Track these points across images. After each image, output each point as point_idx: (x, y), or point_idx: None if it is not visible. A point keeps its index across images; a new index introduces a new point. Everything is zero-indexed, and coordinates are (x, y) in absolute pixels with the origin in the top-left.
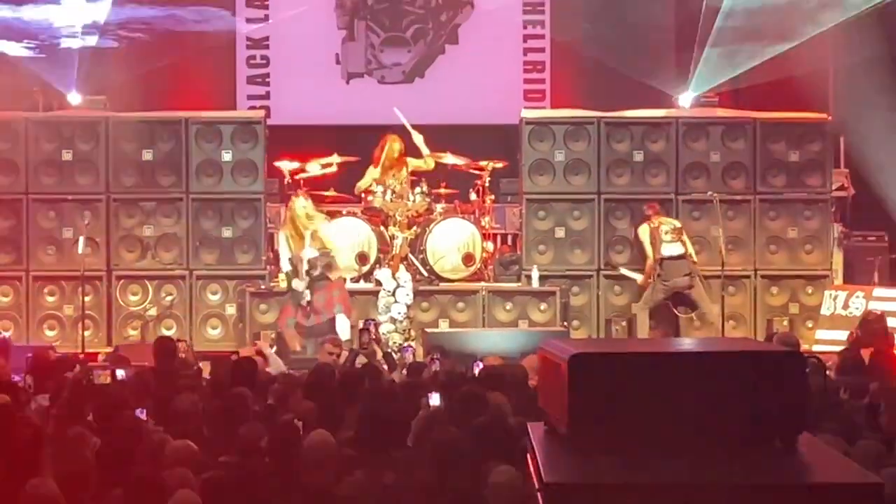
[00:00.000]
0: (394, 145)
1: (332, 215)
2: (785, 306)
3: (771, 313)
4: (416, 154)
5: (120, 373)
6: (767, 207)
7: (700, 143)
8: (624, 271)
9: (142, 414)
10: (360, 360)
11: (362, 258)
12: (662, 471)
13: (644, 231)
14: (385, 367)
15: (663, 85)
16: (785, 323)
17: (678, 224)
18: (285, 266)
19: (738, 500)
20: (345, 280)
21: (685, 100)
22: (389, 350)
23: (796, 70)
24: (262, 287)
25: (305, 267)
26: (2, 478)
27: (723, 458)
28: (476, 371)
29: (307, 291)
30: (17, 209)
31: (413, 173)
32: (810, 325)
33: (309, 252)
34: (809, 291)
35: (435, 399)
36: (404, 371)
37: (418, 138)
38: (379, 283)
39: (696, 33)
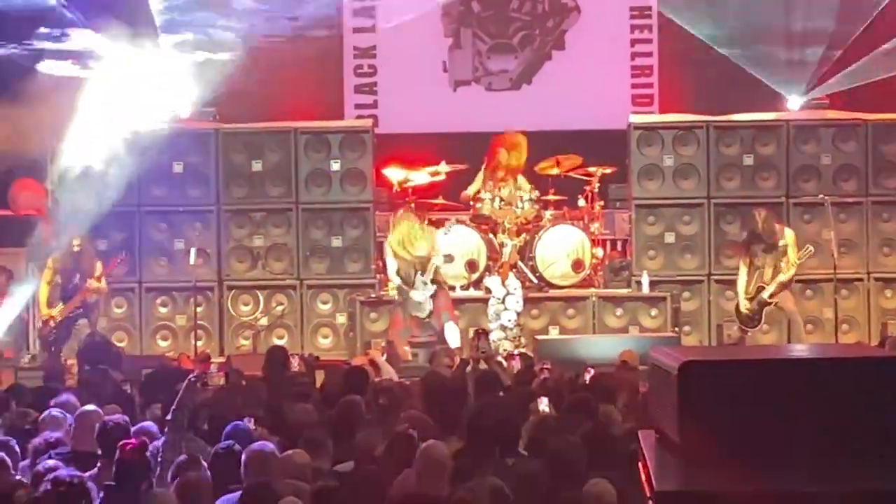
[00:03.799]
0: (505, 154)
1: (440, 223)
2: None
3: (885, 317)
4: (528, 165)
5: None
6: (880, 209)
7: (811, 145)
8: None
9: (249, 423)
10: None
11: (471, 266)
12: (775, 479)
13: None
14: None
15: (773, 87)
16: None
17: None
18: (394, 279)
19: None
20: (452, 288)
21: (795, 102)
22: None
23: None
24: (373, 296)
25: (430, 276)
26: (120, 489)
27: (836, 466)
28: (587, 378)
29: (430, 301)
30: (129, 221)
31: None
32: None
33: (438, 259)
34: None
35: (544, 404)
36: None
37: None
38: (488, 290)
39: (808, 34)
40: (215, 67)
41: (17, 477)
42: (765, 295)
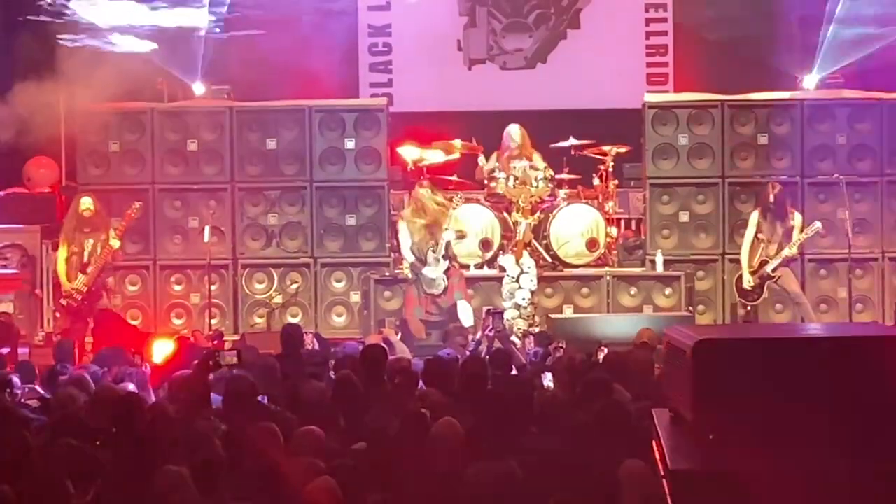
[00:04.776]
0: (515, 135)
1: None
2: None
3: None
4: (543, 145)
5: None
6: (895, 189)
7: (826, 124)
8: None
9: (263, 401)
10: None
11: (486, 244)
12: (789, 457)
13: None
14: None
15: (788, 67)
16: None
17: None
18: (407, 256)
19: (866, 487)
20: (465, 266)
21: (810, 81)
22: (513, 337)
23: None
24: (387, 274)
25: (441, 252)
26: (133, 465)
27: (850, 444)
28: (601, 357)
29: (443, 277)
30: (143, 199)
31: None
32: None
33: (449, 235)
34: None
35: (548, 379)
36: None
37: None
38: (503, 269)
39: (823, 13)
40: (232, 45)
41: None
42: (768, 269)
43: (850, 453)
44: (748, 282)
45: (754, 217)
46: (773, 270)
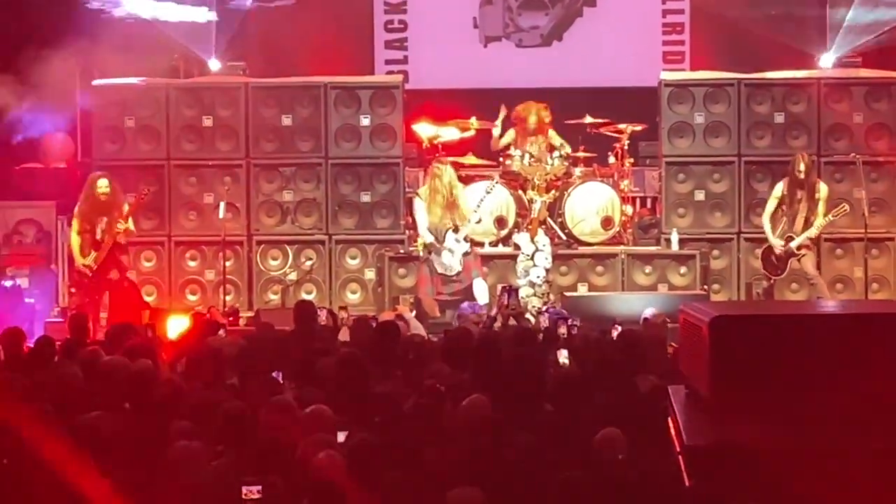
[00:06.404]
0: (540, 113)
1: (470, 180)
2: None
3: None
4: (558, 123)
5: None
6: None
7: (842, 104)
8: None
9: (278, 376)
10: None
11: (501, 222)
12: (805, 434)
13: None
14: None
15: (805, 45)
16: None
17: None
18: (424, 235)
19: (880, 464)
20: (480, 244)
21: (827, 60)
22: (528, 315)
23: None
24: (401, 251)
25: (463, 235)
26: (145, 438)
27: (865, 421)
28: (614, 335)
29: (460, 260)
30: (158, 175)
31: (551, 147)
32: None
33: (474, 219)
34: None
35: (563, 356)
36: (540, 335)
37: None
38: (518, 247)
39: None
40: (248, 21)
41: None
42: (793, 245)
43: (866, 428)
44: (780, 246)
45: (779, 188)
46: (798, 248)
